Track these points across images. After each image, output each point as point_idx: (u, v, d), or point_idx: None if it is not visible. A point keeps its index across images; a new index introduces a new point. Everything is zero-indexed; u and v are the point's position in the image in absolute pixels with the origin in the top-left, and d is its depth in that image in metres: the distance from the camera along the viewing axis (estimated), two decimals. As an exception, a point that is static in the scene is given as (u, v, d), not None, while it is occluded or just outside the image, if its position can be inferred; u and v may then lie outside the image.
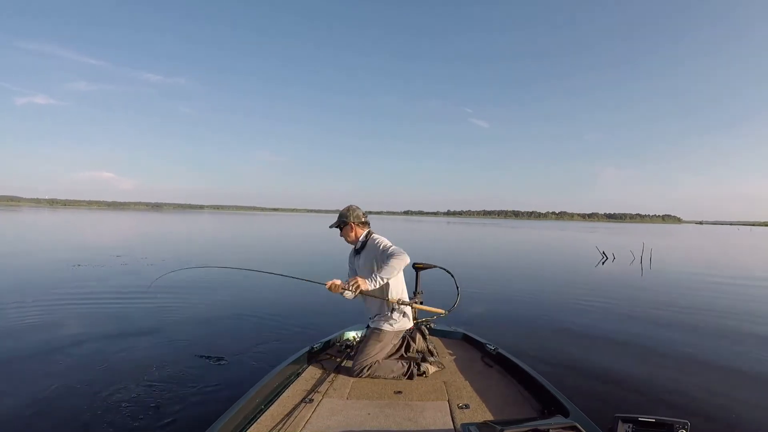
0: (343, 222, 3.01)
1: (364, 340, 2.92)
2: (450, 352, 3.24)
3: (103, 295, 6.85)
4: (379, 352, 2.82)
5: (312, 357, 2.99)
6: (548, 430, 1.81)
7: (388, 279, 2.74)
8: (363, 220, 3.01)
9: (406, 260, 2.76)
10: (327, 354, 3.11)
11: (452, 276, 3.36)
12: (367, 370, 2.74)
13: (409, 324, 3.03)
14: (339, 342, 3.33)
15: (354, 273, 3.08)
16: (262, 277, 9.36)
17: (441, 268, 3.50)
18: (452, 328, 3.67)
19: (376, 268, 2.83)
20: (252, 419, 2.12)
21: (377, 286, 2.74)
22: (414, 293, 3.57)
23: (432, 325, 3.64)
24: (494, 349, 3.05)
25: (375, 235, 2.97)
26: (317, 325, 5.27)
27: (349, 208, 3.03)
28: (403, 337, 3.03)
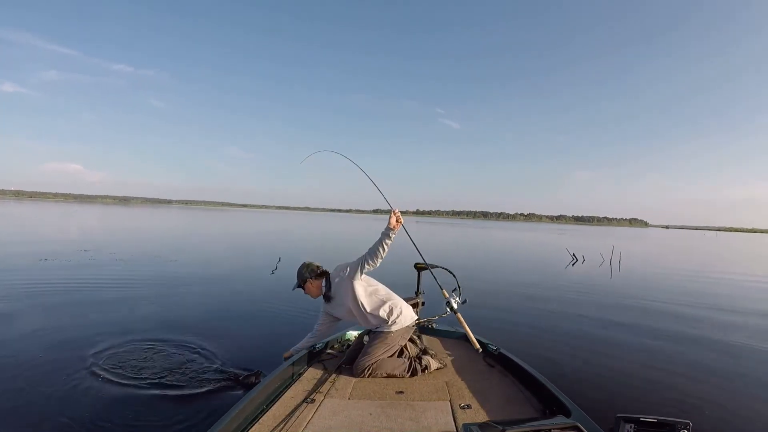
0: (301, 281, 3.10)
1: (368, 342, 2.90)
2: (451, 352, 3.24)
3: (84, 289, 6.72)
4: (383, 353, 2.82)
5: (313, 357, 3.00)
6: (550, 430, 1.82)
7: (385, 251, 2.84)
8: (318, 271, 3.08)
9: (378, 256, 2.85)
10: (328, 354, 3.12)
11: (454, 276, 3.36)
12: (369, 370, 2.74)
13: (412, 316, 3.01)
14: (340, 342, 3.34)
15: (331, 320, 3.17)
16: (261, 277, 9.40)
17: (442, 268, 3.50)
18: (454, 328, 3.67)
19: (357, 297, 2.91)
20: (254, 419, 2.12)
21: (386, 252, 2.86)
22: (415, 293, 3.58)
23: (434, 325, 3.65)
24: (496, 350, 3.05)
25: (332, 273, 3.05)
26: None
27: (302, 266, 3.12)
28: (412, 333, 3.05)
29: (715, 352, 4.85)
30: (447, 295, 2.96)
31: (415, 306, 3.48)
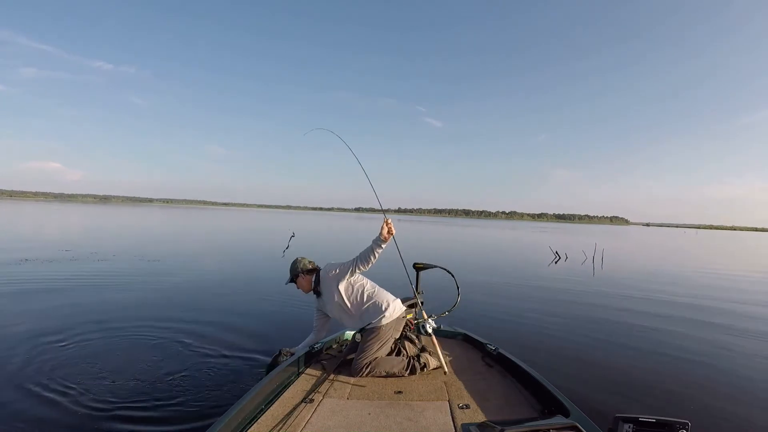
0: (294, 275, 3.20)
1: (362, 340, 2.92)
2: (450, 352, 3.24)
3: (78, 289, 6.83)
4: (379, 349, 2.83)
5: (312, 357, 3.00)
6: (549, 430, 1.82)
7: (375, 258, 2.90)
8: (309, 267, 3.19)
9: (369, 262, 2.92)
10: (327, 354, 3.11)
11: (453, 276, 3.36)
12: (367, 369, 2.74)
13: (401, 308, 3.04)
14: (339, 342, 3.33)
15: (324, 316, 3.26)
16: (259, 277, 9.40)
17: (441, 268, 3.50)
18: (453, 329, 3.67)
19: (342, 296, 2.98)
20: (252, 419, 2.12)
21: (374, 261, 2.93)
22: (414, 293, 3.57)
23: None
24: (495, 350, 3.05)
25: (322, 271, 3.13)
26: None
27: (294, 262, 3.23)
28: (405, 326, 3.06)
29: (713, 351, 4.86)
30: (426, 317, 3.06)
31: (413, 306, 3.48)
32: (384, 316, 2.90)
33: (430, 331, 2.97)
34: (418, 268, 3.53)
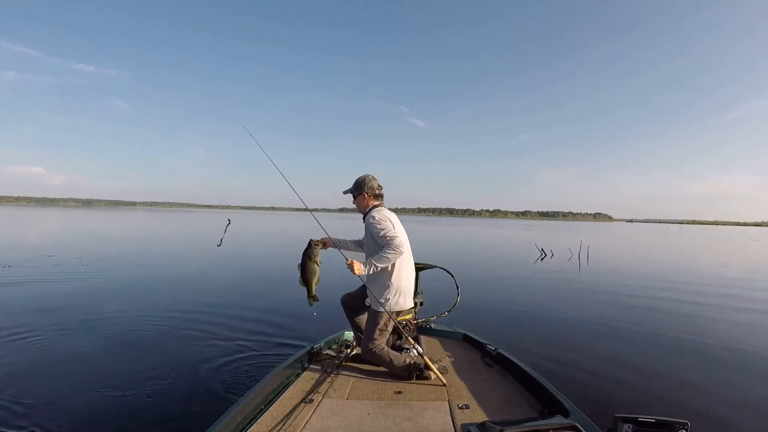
0: (357, 191, 2.93)
1: (367, 321, 2.87)
2: (450, 352, 3.24)
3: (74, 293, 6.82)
4: (380, 333, 2.76)
5: (312, 357, 2.99)
6: (548, 430, 1.82)
7: (380, 268, 2.69)
8: (377, 192, 2.92)
9: (398, 253, 2.68)
10: (327, 354, 3.11)
11: (452, 276, 3.35)
12: (371, 353, 2.71)
13: (407, 303, 2.89)
14: (339, 342, 3.33)
15: (360, 244, 3.08)
16: (258, 276, 9.40)
17: (441, 268, 3.50)
18: (452, 329, 3.67)
19: (370, 246, 2.82)
20: (252, 419, 2.12)
21: (370, 272, 2.69)
22: (414, 293, 3.57)
23: (432, 325, 3.64)
24: (494, 350, 3.05)
25: (374, 213, 2.84)
26: (317, 325, 5.26)
27: (365, 178, 2.92)
28: (405, 326, 2.98)
29: (713, 351, 4.86)
30: (412, 342, 2.91)
31: (413, 306, 3.47)
32: (384, 301, 2.76)
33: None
34: (418, 268, 3.53)
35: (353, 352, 3.08)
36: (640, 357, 4.59)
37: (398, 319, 2.92)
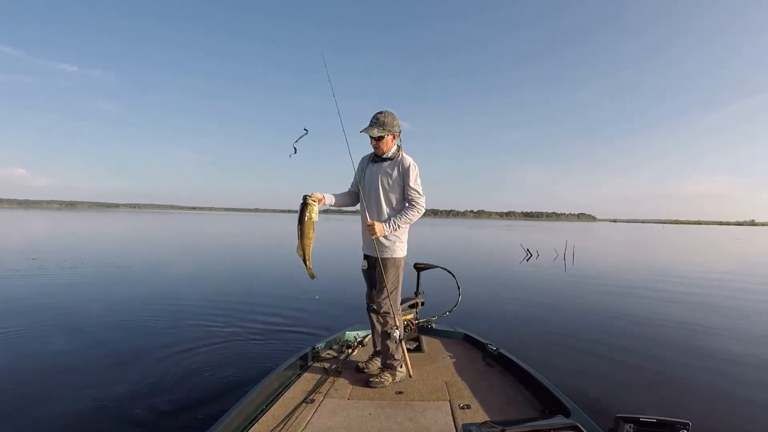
0: (388, 130, 2.53)
1: (382, 272, 2.61)
2: (451, 352, 3.24)
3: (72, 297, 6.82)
4: (399, 283, 2.70)
5: (313, 357, 2.99)
6: (549, 430, 1.82)
7: (401, 227, 2.58)
8: (398, 131, 2.62)
9: (422, 213, 2.61)
10: (328, 354, 3.11)
11: (453, 276, 3.35)
12: (384, 308, 2.62)
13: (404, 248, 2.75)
14: (340, 342, 3.33)
15: (353, 196, 2.82)
16: (258, 276, 9.40)
17: (442, 268, 3.50)
18: (453, 329, 3.67)
19: (381, 196, 2.60)
20: (253, 419, 2.12)
21: (391, 233, 2.55)
22: (415, 293, 3.58)
23: (433, 325, 3.65)
24: (495, 350, 3.05)
25: (407, 156, 2.62)
26: (318, 325, 5.26)
27: (393, 115, 2.56)
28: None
29: (714, 350, 4.85)
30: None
31: (414, 306, 3.48)
32: (401, 245, 2.68)
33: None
34: (419, 268, 3.53)
35: (354, 353, 3.09)
36: (641, 357, 4.58)
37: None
